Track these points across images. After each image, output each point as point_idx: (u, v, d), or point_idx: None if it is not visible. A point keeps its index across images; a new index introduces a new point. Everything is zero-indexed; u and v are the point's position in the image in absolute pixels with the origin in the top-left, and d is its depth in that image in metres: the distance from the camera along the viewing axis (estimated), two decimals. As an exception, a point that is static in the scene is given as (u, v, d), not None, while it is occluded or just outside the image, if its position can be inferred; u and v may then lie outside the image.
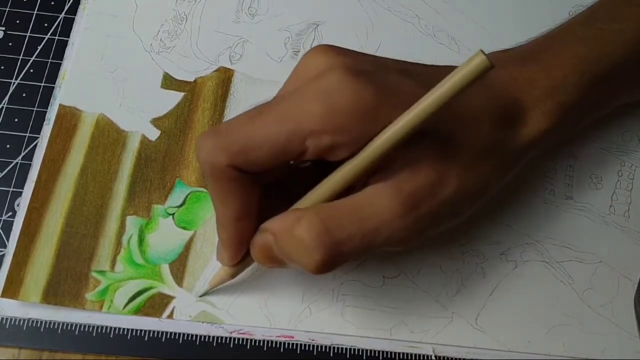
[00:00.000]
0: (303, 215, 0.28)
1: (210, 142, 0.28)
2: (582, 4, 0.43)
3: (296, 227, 0.28)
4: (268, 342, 0.35)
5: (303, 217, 0.28)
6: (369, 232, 0.28)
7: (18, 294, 0.35)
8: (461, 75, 0.25)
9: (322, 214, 0.28)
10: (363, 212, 0.28)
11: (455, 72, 0.25)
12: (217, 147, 0.27)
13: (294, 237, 0.28)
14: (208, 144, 0.28)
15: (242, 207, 0.29)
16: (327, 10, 0.43)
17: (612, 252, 0.37)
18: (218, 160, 0.28)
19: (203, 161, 0.28)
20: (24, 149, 0.39)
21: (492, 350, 0.35)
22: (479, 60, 0.24)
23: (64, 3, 0.43)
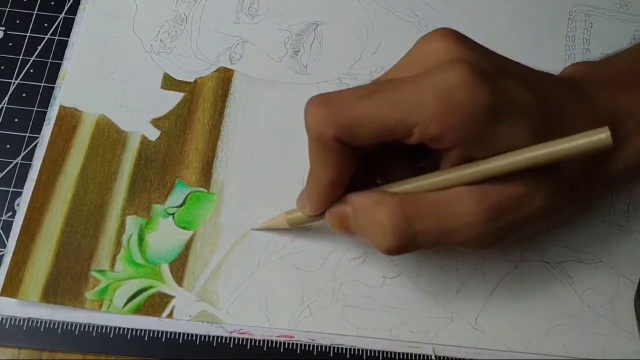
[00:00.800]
0: (387, 200, 0.29)
1: (321, 111, 0.28)
2: (582, 4, 0.43)
3: (378, 209, 0.29)
4: (268, 342, 0.35)
5: (387, 201, 0.29)
6: (446, 230, 0.29)
7: (17, 293, 0.35)
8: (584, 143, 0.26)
9: (405, 203, 0.29)
10: (445, 210, 0.29)
11: (580, 137, 0.26)
12: (327, 118, 0.28)
13: (374, 217, 0.29)
14: (319, 113, 0.28)
15: (337, 175, 0.30)
16: (327, 10, 0.43)
17: (612, 252, 0.37)
18: (325, 131, 0.28)
19: (311, 128, 0.29)
20: (24, 149, 0.39)
21: (492, 350, 0.35)
22: (605, 137, 0.25)
23: (64, 3, 0.43)
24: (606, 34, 0.42)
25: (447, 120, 0.27)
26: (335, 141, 0.28)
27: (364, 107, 0.28)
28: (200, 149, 0.39)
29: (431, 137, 0.27)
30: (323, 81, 0.41)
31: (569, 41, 0.42)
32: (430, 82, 0.27)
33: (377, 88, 0.28)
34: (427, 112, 0.27)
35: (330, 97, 0.28)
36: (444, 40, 0.29)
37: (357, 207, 0.30)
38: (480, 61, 0.28)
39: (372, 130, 0.28)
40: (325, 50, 0.42)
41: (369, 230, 0.30)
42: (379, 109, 0.27)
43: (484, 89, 0.27)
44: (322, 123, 0.28)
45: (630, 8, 0.43)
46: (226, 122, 0.39)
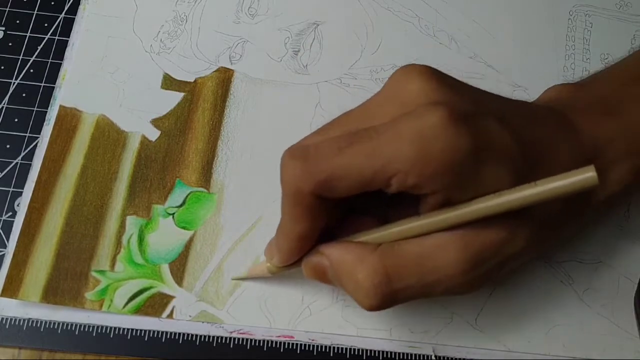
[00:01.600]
0: (367, 257, 0.28)
1: (298, 166, 0.27)
2: (582, 4, 0.43)
3: (358, 268, 0.28)
4: (268, 342, 0.35)
5: (366, 259, 0.28)
6: (428, 284, 0.28)
7: (18, 294, 0.35)
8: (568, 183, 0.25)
9: (386, 260, 0.28)
10: (426, 264, 0.28)
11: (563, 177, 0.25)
12: (304, 174, 0.27)
13: (354, 276, 0.28)
14: (295, 168, 0.27)
15: (311, 228, 0.29)
16: (327, 10, 0.43)
17: (612, 252, 0.37)
18: (302, 187, 0.27)
19: (287, 183, 0.28)
20: (24, 149, 0.39)
21: (492, 350, 0.35)
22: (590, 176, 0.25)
23: (64, 3, 0.43)
24: (606, 34, 0.42)
25: (425, 170, 0.26)
26: (312, 196, 0.28)
27: (343, 159, 0.27)
28: (200, 149, 0.39)
29: (410, 187, 0.27)
30: (323, 81, 0.41)
31: (569, 41, 0.42)
32: (407, 129, 0.26)
33: (354, 139, 0.27)
34: (406, 163, 0.26)
35: (306, 151, 0.28)
36: (421, 80, 0.28)
37: (334, 262, 0.29)
38: (459, 101, 0.27)
39: (350, 183, 0.27)
40: (325, 50, 0.42)
41: (348, 287, 0.29)
42: (357, 160, 0.27)
43: (463, 133, 0.26)
44: (299, 179, 0.27)
45: (630, 8, 0.43)
46: (226, 122, 0.39)
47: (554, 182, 0.25)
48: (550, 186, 0.25)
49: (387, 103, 0.29)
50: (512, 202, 0.26)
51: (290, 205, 0.29)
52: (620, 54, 0.37)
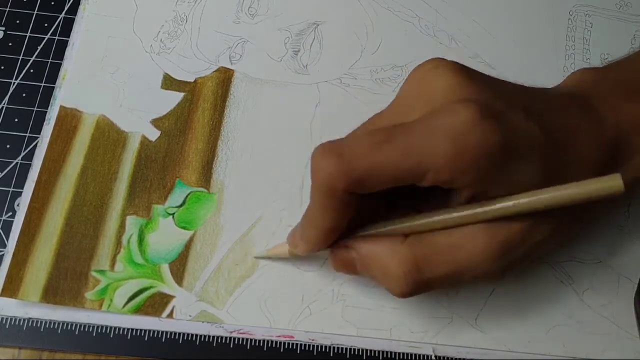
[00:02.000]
0: (397, 248, 0.29)
1: (331, 164, 0.27)
2: (582, 4, 0.43)
3: (389, 258, 0.29)
4: (268, 342, 0.35)
5: (396, 250, 0.29)
6: (457, 273, 0.29)
7: (18, 293, 0.35)
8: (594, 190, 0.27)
9: (416, 250, 0.29)
10: (455, 254, 0.29)
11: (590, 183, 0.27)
12: (338, 171, 0.27)
13: (385, 266, 0.29)
14: (330, 166, 0.27)
15: (340, 222, 0.30)
16: (327, 10, 0.43)
17: (612, 252, 0.37)
18: (336, 184, 0.28)
19: (320, 180, 0.28)
20: (24, 149, 0.39)
21: (492, 350, 0.35)
22: (617, 184, 0.26)
23: (64, 3, 0.43)
24: (606, 34, 0.42)
25: (459, 165, 0.27)
26: (345, 193, 0.28)
27: (377, 156, 0.27)
28: (200, 149, 0.39)
29: (443, 181, 0.27)
30: (323, 81, 0.41)
31: (569, 41, 0.42)
32: (440, 125, 0.27)
33: (387, 136, 0.27)
34: (440, 159, 0.27)
35: (341, 148, 0.28)
36: (450, 76, 0.29)
37: (364, 254, 0.30)
38: (488, 98, 0.28)
39: (384, 179, 0.27)
40: (325, 50, 0.42)
41: (379, 277, 0.30)
42: (391, 159, 0.27)
43: (494, 129, 0.27)
44: (333, 176, 0.27)
45: (630, 8, 0.43)
46: (226, 122, 0.39)
47: (582, 187, 0.27)
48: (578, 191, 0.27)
49: (416, 101, 0.29)
50: (540, 201, 0.27)
51: (321, 201, 0.29)
52: (620, 54, 0.37)
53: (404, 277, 0.29)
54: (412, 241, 0.29)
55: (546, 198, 0.27)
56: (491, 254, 0.29)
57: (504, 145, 0.27)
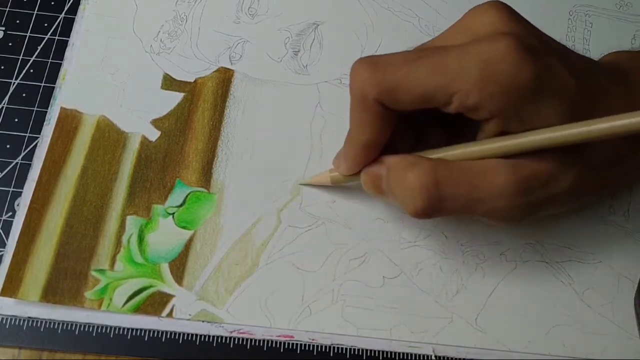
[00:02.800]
0: (420, 163, 0.30)
1: (366, 72, 0.29)
2: (582, 4, 0.43)
3: (410, 170, 0.30)
4: (268, 342, 0.35)
5: (420, 164, 0.30)
6: (473, 199, 0.29)
7: (17, 293, 0.35)
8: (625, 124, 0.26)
9: (437, 167, 0.29)
10: (476, 179, 0.29)
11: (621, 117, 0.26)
12: (371, 80, 0.29)
13: (405, 178, 0.30)
14: (364, 74, 0.29)
15: (375, 137, 0.31)
16: (327, 10, 0.43)
17: (612, 252, 0.37)
18: (368, 92, 0.29)
19: (355, 88, 0.29)
20: (24, 149, 0.39)
21: (492, 350, 0.35)
22: None
23: (64, 3, 0.43)
24: (606, 34, 0.42)
25: (487, 90, 0.27)
26: (377, 103, 0.29)
27: (409, 71, 0.28)
28: (200, 149, 0.39)
29: (470, 107, 0.28)
30: (323, 81, 0.41)
31: (569, 41, 0.42)
32: (475, 51, 0.28)
33: (423, 54, 0.29)
34: (469, 81, 0.27)
35: (376, 60, 0.29)
36: (495, 12, 0.30)
37: (391, 167, 0.31)
38: (527, 36, 0.29)
39: (413, 95, 0.28)
40: (325, 50, 0.42)
41: (398, 191, 0.30)
42: (422, 73, 0.28)
43: (528, 64, 0.27)
44: (365, 84, 0.29)
45: (630, 8, 0.43)
46: (226, 122, 0.39)
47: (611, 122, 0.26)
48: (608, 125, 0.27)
49: (459, 33, 0.30)
50: (568, 136, 0.28)
51: (356, 111, 0.30)
52: (620, 54, 0.37)
53: (419, 191, 0.29)
54: (436, 160, 0.30)
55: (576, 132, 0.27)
56: (510, 188, 0.29)
57: (535, 80, 0.27)
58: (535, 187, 0.29)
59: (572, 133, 0.27)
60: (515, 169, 0.29)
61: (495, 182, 0.29)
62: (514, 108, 0.28)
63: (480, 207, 0.30)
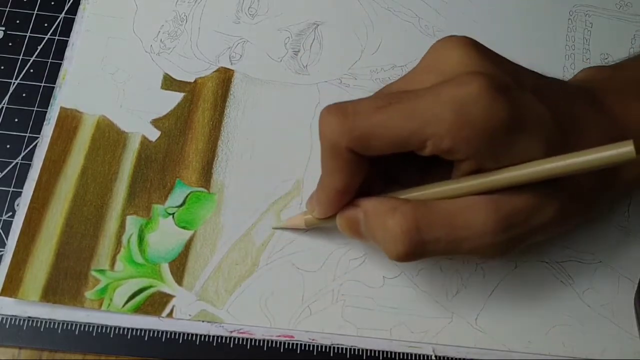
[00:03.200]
0: (400, 207, 0.29)
1: (336, 121, 0.28)
2: (582, 4, 0.43)
3: (390, 215, 0.29)
4: (268, 342, 0.35)
5: (399, 208, 0.29)
6: (456, 240, 0.29)
7: (17, 293, 0.35)
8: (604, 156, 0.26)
9: (417, 211, 0.29)
10: (456, 220, 0.29)
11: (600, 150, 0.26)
12: (341, 129, 0.28)
13: (385, 223, 0.29)
14: (334, 123, 0.28)
15: (348, 183, 0.30)
16: (327, 10, 0.43)
17: (612, 252, 0.37)
18: (339, 141, 0.28)
19: (325, 138, 0.29)
20: (24, 149, 0.39)
21: (492, 350, 0.35)
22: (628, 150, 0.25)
23: (64, 3, 0.43)
24: (606, 34, 0.42)
25: (462, 135, 0.27)
26: (348, 151, 0.28)
27: (380, 118, 0.28)
28: (200, 149, 0.39)
29: (445, 150, 0.27)
30: (323, 81, 0.41)
31: (569, 41, 0.42)
32: (447, 94, 0.27)
33: (393, 99, 0.28)
34: (442, 126, 0.27)
35: (345, 107, 0.28)
36: (462, 50, 0.29)
37: (369, 212, 0.30)
38: (498, 73, 0.28)
39: (386, 142, 0.28)
40: (325, 50, 0.42)
41: (379, 236, 0.30)
42: (394, 121, 0.27)
43: (501, 103, 0.27)
44: (336, 133, 0.28)
45: (630, 8, 0.43)
46: (226, 122, 0.39)
47: (589, 155, 0.26)
48: (586, 158, 0.26)
49: (427, 72, 0.30)
50: (547, 171, 0.27)
51: (328, 160, 0.30)
52: (620, 54, 0.37)
53: (402, 236, 0.29)
54: (415, 203, 0.29)
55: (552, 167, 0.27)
56: (492, 226, 0.29)
57: (510, 119, 0.27)
58: (517, 222, 0.29)
59: (549, 168, 0.27)
60: (496, 205, 0.29)
61: (476, 221, 0.29)
62: (490, 149, 0.27)
63: (463, 247, 0.29)
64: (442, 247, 0.29)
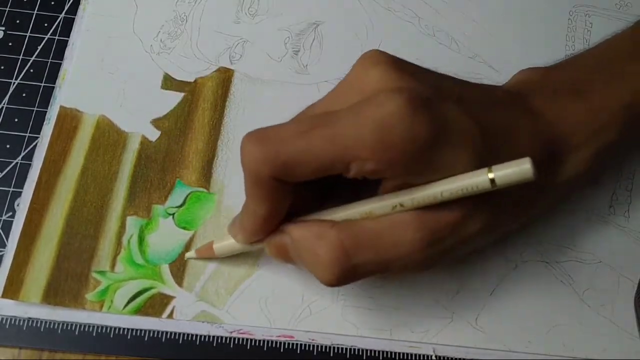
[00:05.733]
0: (326, 233, 0.29)
1: (256, 150, 0.27)
2: (582, 4, 0.43)
3: (317, 243, 0.29)
4: (268, 342, 0.35)
5: (325, 235, 0.29)
6: (385, 261, 0.29)
7: (18, 295, 0.35)
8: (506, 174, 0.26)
9: (344, 236, 0.28)
10: (383, 240, 0.28)
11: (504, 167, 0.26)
12: (263, 158, 0.27)
13: (313, 251, 0.29)
14: (254, 152, 0.28)
15: (274, 210, 0.30)
16: (327, 10, 0.43)
17: (612, 252, 0.37)
18: (261, 170, 0.28)
19: (246, 168, 0.28)
20: (24, 149, 0.39)
21: (492, 350, 0.35)
22: (525, 168, 0.25)
23: (64, 3, 0.43)
24: (606, 34, 0.42)
25: (384, 157, 0.26)
26: (272, 179, 0.28)
27: (301, 145, 0.27)
28: (200, 149, 0.39)
29: (369, 172, 0.27)
30: (323, 81, 0.41)
31: (569, 41, 0.42)
32: (367, 116, 0.26)
33: (315, 123, 0.27)
34: (364, 149, 0.26)
35: (266, 135, 0.28)
36: (381, 67, 0.28)
37: (295, 238, 0.30)
38: (418, 87, 0.27)
39: (309, 168, 0.27)
40: (325, 50, 0.42)
41: (308, 263, 0.30)
42: (316, 146, 0.27)
43: (422, 119, 0.26)
44: (258, 162, 0.27)
45: (630, 8, 0.43)
46: (226, 122, 0.39)
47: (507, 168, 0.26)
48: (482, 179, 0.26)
49: (348, 91, 0.29)
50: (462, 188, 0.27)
51: (251, 189, 0.29)
52: (620, 54, 0.37)
53: (330, 264, 0.28)
54: (341, 226, 0.29)
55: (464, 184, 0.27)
56: (418, 244, 0.28)
57: (432, 136, 0.26)
58: (443, 237, 0.29)
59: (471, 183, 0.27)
60: (420, 223, 0.28)
61: (403, 239, 0.28)
62: (413, 167, 0.27)
63: (392, 266, 0.29)
64: (372, 269, 0.29)
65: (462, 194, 0.27)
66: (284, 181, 0.28)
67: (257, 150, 0.27)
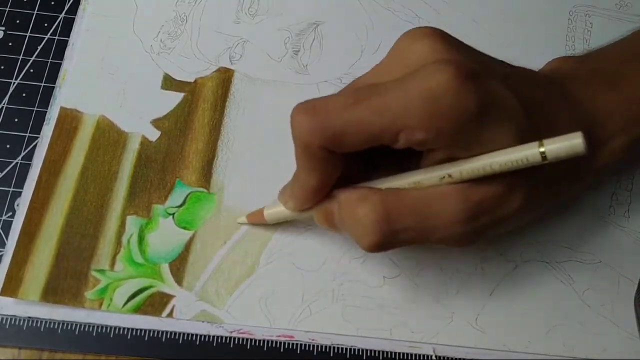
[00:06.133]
0: (370, 196, 0.29)
1: (306, 121, 0.28)
2: (582, 4, 0.43)
3: (361, 205, 0.29)
4: (268, 342, 0.35)
5: (369, 198, 0.29)
6: (426, 229, 0.29)
7: (17, 293, 0.35)
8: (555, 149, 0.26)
9: (387, 200, 0.29)
10: (426, 209, 0.29)
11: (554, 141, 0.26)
12: (312, 128, 0.28)
13: (356, 213, 0.29)
14: (305, 123, 0.28)
15: (324, 180, 0.30)
16: (327, 10, 0.43)
17: (612, 252, 0.37)
18: (312, 140, 0.28)
19: (297, 138, 0.29)
20: (24, 149, 0.39)
21: (492, 350, 0.35)
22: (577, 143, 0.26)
23: (64, 3, 0.43)
24: (606, 34, 0.42)
25: (433, 126, 0.27)
26: (322, 149, 0.28)
27: (351, 115, 0.27)
28: (200, 149, 0.39)
29: (417, 142, 0.27)
30: (323, 81, 0.41)
31: (569, 41, 0.42)
32: (415, 86, 0.27)
33: (362, 95, 0.28)
34: (414, 119, 0.27)
35: (316, 106, 0.28)
36: (429, 40, 0.29)
37: (341, 201, 0.30)
38: (465, 62, 0.28)
39: (359, 139, 0.28)
40: (325, 50, 0.42)
41: (350, 226, 0.30)
42: (365, 117, 0.27)
43: (470, 92, 0.26)
44: (308, 133, 0.28)
45: (630, 8, 0.43)
46: (226, 122, 0.39)
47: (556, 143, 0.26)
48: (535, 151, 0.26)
49: (393, 65, 0.29)
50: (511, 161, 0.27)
51: (302, 159, 0.30)
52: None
53: (372, 226, 0.29)
54: (385, 192, 0.29)
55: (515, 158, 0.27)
56: (460, 215, 0.29)
57: (480, 107, 0.27)
58: (486, 210, 0.29)
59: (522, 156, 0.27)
60: (465, 194, 0.29)
61: (446, 210, 0.29)
62: (461, 139, 0.27)
63: (433, 236, 0.29)
64: (412, 236, 0.29)
65: (510, 166, 0.27)
66: (333, 152, 0.28)
67: (307, 121, 0.28)
